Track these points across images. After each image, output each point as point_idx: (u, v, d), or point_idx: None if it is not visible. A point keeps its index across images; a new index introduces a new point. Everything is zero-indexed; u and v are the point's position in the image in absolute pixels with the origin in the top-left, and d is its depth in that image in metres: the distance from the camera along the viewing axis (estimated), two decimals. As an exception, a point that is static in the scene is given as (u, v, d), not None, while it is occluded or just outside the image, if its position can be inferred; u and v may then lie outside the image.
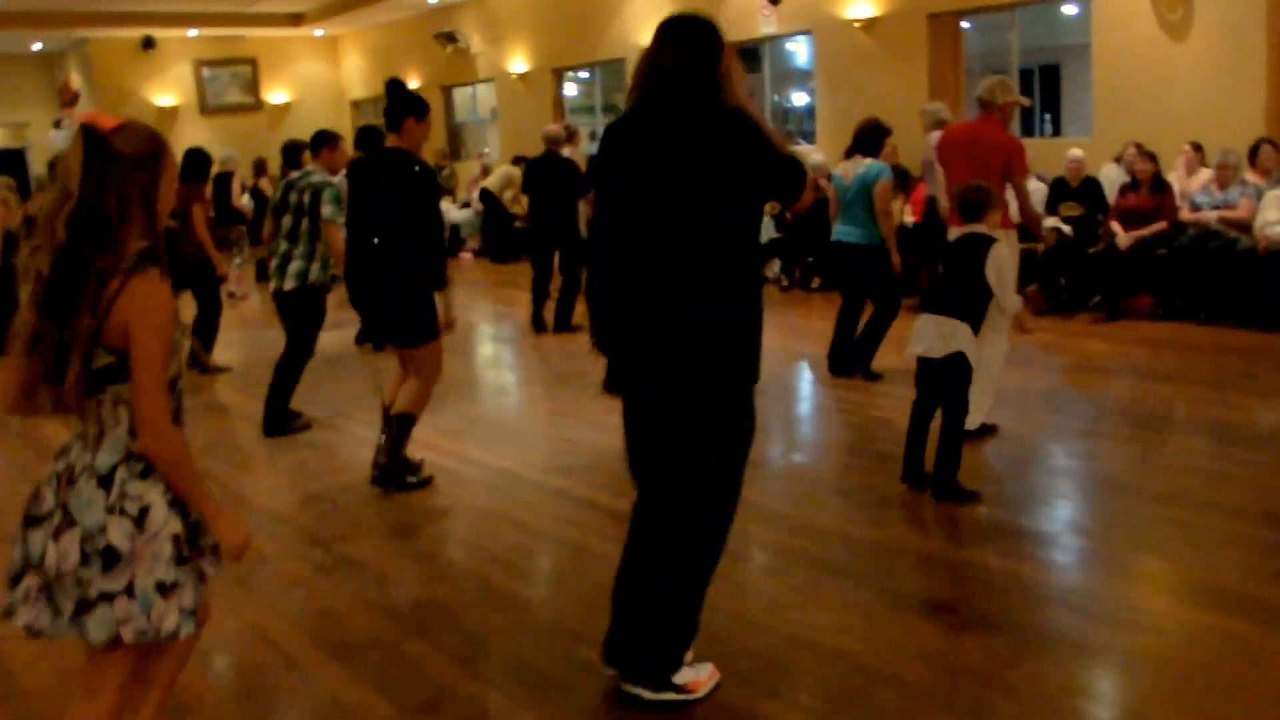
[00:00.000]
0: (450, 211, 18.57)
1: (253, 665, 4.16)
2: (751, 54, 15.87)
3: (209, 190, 11.88)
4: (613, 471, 6.11)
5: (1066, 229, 10.26)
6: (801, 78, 15.61)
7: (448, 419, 7.38)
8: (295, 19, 22.44)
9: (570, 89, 19.46)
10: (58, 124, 23.06)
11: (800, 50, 16.38)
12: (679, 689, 3.64)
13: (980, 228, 5.62)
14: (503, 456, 6.66)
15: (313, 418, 7.64)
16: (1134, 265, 9.73)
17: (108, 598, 2.65)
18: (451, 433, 7.16)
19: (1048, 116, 20.39)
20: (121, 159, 2.66)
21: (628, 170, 3.55)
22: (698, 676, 3.69)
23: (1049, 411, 7.02)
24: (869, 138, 8.29)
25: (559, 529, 5.47)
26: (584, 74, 19.10)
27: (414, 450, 6.27)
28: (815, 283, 12.25)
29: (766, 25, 14.58)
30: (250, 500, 6.16)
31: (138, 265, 2.63)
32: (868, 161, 8.14)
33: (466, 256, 17.90)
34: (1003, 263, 5.52)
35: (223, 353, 10.17)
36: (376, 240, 5.93)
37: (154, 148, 2.74)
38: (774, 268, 13.05)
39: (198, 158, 10.05)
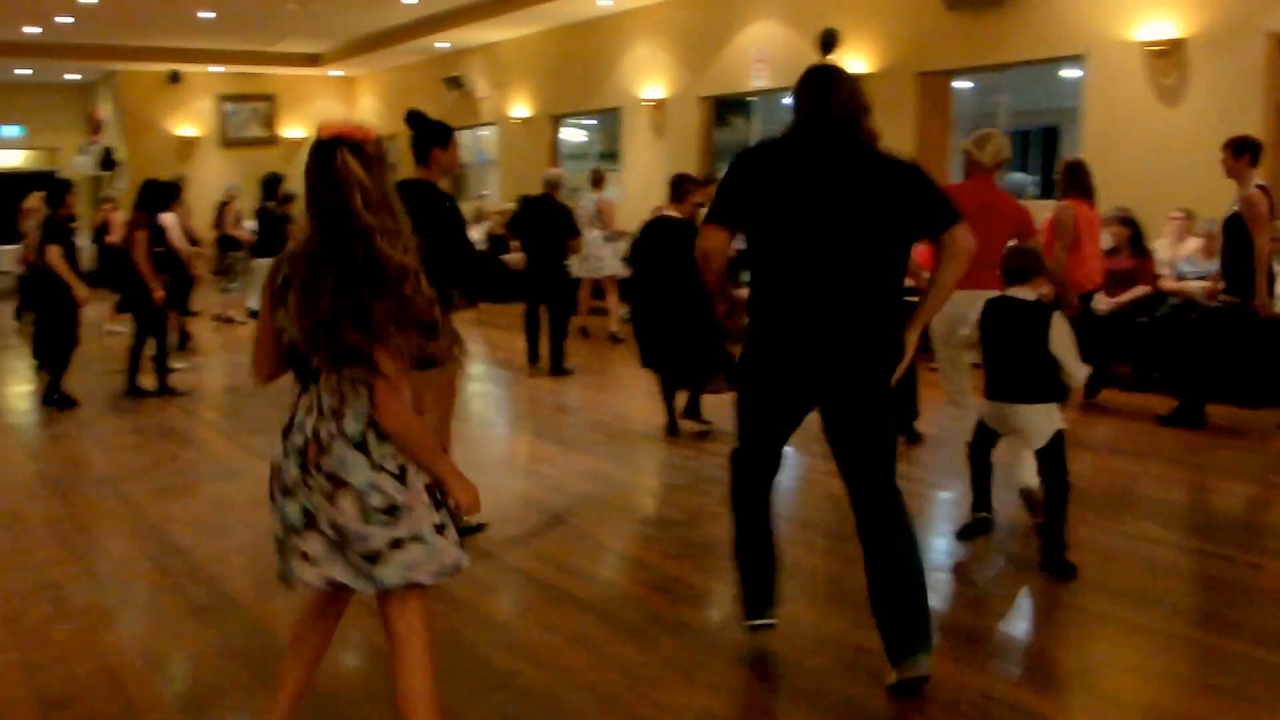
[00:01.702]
0: (446, 251, 18.78)
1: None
2: (742, 107, 16.03)
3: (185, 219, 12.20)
4: (523, 523, 6.28)
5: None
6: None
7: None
8: (313, 59, 22.89)
9: (578, 134, 19.69)
10: (82, 149, 23.68)
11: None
12: None
13: (1025, 293, 5.37)
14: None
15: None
16: (1112, 332, 9.35)
17: (398, 544, 2.99)
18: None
19: (1034, 179, 20.35)
20: (385, 164, 2.97)
21: (806, 201, 3.89)
22: None
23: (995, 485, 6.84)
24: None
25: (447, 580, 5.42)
26: (589, 120, 19.32)
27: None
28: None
29: (758, 79, 14.72)
30: (169, 530, 6.22)
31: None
32: None
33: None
34: (1067, 333, 5.26)
35: (188, 376, 10.42)
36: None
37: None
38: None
39: (152, 188, 10.33)
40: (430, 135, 5.96)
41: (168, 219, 10.34)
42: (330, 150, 2.94)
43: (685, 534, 6.03)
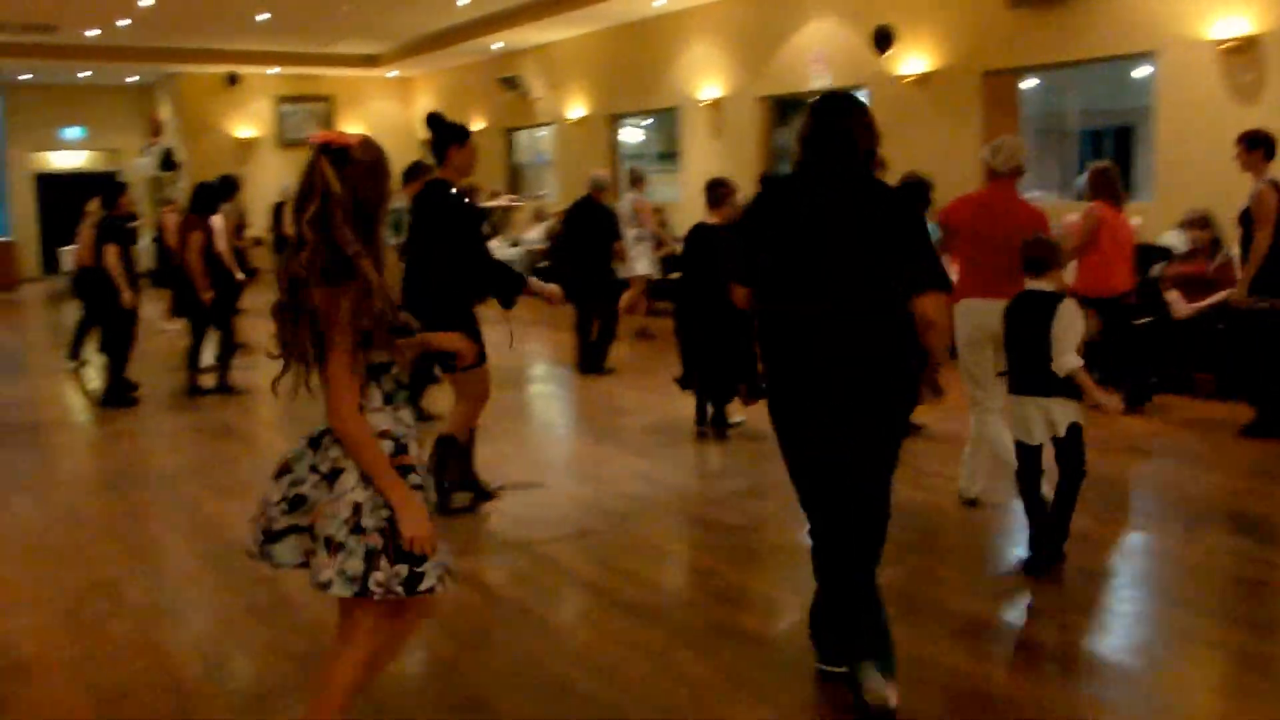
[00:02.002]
0: (500, 250, 18.77)
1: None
2: (801, 107, 15.83)
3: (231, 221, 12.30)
4: (582, 527, 6.21)
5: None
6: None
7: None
8: (370, 60, 22.94)
9: (637, 135, 19.59)
10: (144, 150, 23.90)
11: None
12: None
13: (1045, 285, 5.29)
14: (489, 505, 6.64)
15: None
16: (1190, 339, 9.08)
17: (297, 530, 3.15)
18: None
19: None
20: (368, 173, 3.04)
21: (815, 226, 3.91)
22: None
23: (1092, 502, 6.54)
24: (915, 194, 8.06)
25: (507, 586, 5.41)
26: (647, 121, 19.21)
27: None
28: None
29: (817, 80, 14.55)
30: (227, 529, 6.20)
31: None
32: None
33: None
34: (1076, 318, 5.18)
35: (244, 375, 10.44)
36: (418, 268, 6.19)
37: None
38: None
39: (205, 190, 10.43)
40: (447, 135, 6.14)
41: (215, 221, 10.36)
42: (313, 158, 3.03)
43: (747, 540, 5.91)
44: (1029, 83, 13.73)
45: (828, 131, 3.95)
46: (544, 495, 6.90)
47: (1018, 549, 5.53)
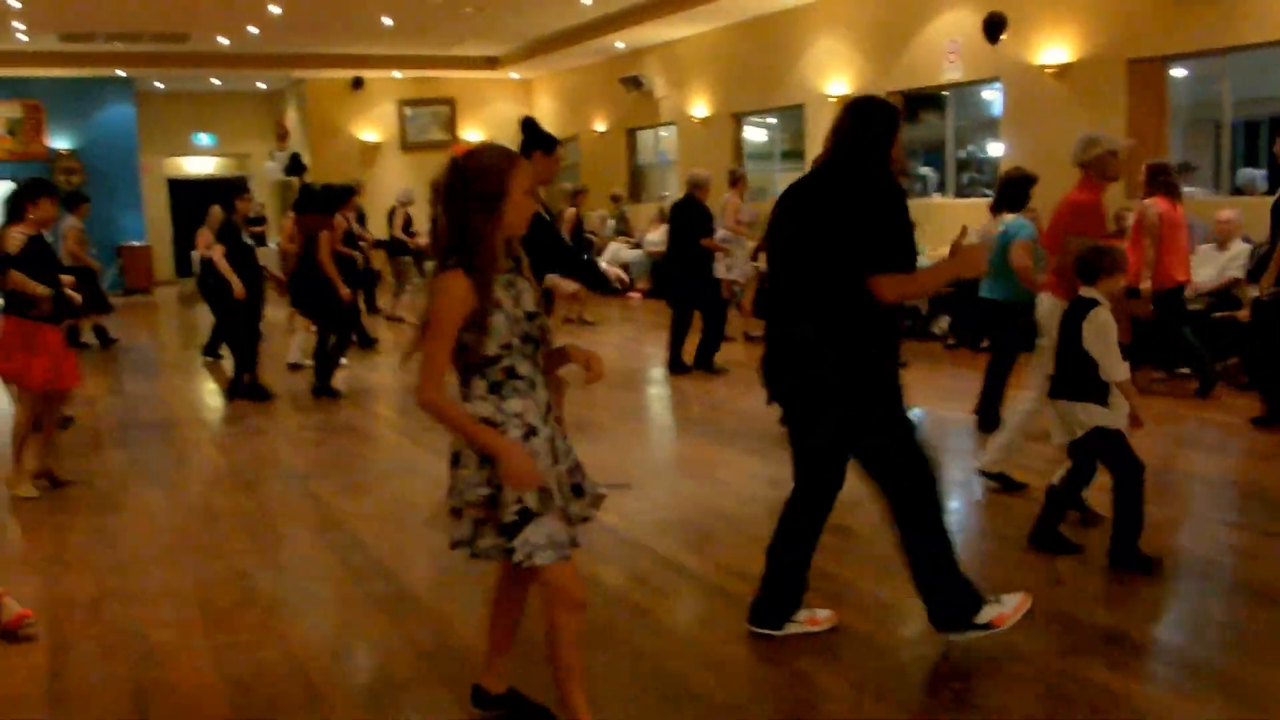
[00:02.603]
0: (621, 251, 18.74)
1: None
2: (934, 101, 15.47)
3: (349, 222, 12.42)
4: (701, 529, 6.06)
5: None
6: (988, 126, 15.10)
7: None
8: (492, 62, 23.07)
9: (760, 133, 19.34)
10: (272, 155, 24.34)
11: (991, 98, 15.88)
12: None
13: (1094, 292, 5.21)
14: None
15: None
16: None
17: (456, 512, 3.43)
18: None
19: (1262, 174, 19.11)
20: (470, 180, 3.28)
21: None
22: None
23: (1206, 503, 6.39)
24: (1013, 190, 7.95)
25: (626, 587, 5.29)
26: (772, 119, 18.94)
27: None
28: (985, 342, 11.75)
29: (952, 71, 14.18)
30: (353, 525, 6.22)
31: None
32: (1010, 217, 7.76)
33: (635, 297, 17.97)
34: (1104, 328, 5.13)
35: (369, 375, 10.45)
36: None
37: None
38: (942, 324, 12.64)
39: (325, 193, 10.52)
40: (535, 141, 6.35)
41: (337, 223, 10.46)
42: (448, 163, 3.36)
43: (869, 546, 5.68)
44: (1178, 71, 13.18)
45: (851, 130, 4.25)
46: (662, 497, 6.79)
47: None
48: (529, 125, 6.54)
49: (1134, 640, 4.47)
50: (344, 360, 11.05)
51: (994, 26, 13.03)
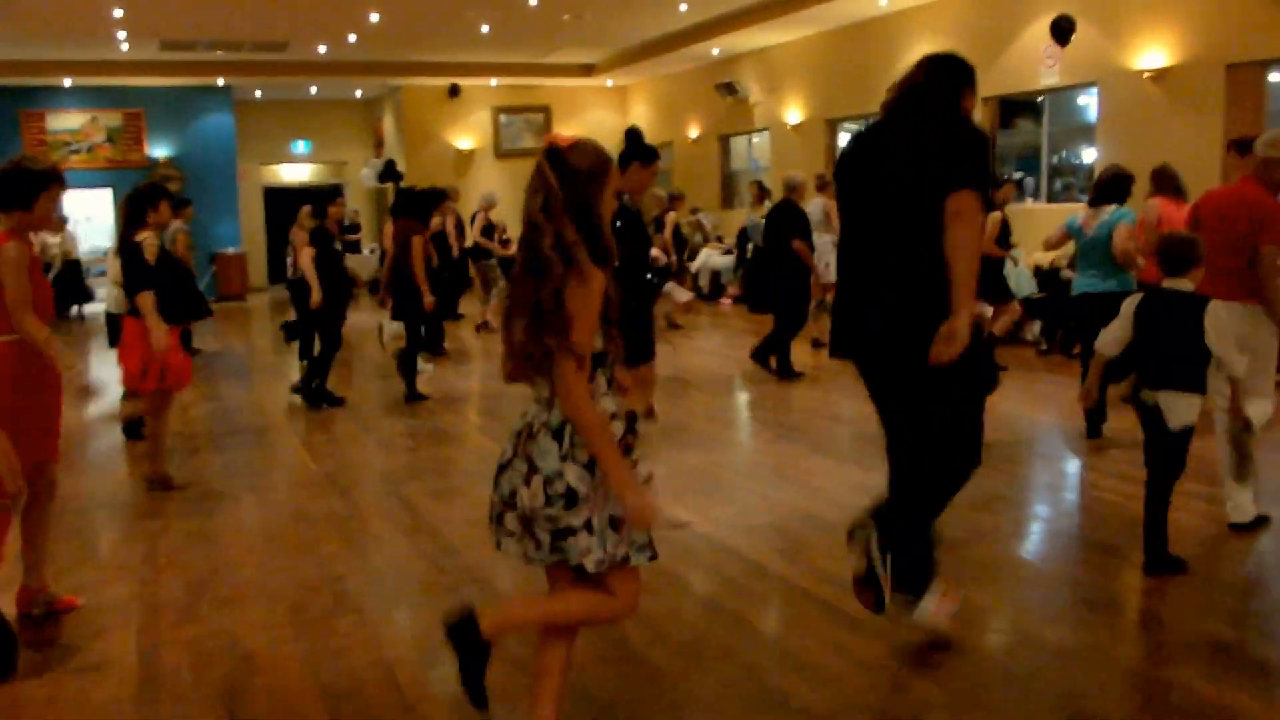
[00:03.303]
0: (713, 257, 18.72)
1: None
2: (1030, 107, 15.21)
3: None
4: (795, 535, 5.97)
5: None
6: (1082, 132, 14.82)
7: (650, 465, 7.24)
8: (587, 69, 23.15)
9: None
10: (368, 163, 24.67)
11: (1086, 103, 15.60)
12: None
13: (1184, 284, 5.16)
14: (690, 509, 6.51)
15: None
16: None
17: (573, 531, 3.18)
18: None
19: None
20: (591, 173, 3.19)
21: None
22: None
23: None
24: (1114, 185, 7.87)
25: (720, 594, 5.23)
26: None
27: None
28: (1076, 348, 11.52)
29: (1048, 76, 13.95)
30: (444, 531, 6.24)
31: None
32: (1111, 209, 7.68)
33: (726, 303, 17.95)
34: (1223, 323, 5.07)
35: (459, 381, 10.50)
36: None
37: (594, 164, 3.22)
38: (1034, 329, 12.41)
39: (420, 197, 10.57)
40: (635, 151, 6.53)
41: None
42: (541, 160, 3.20)
43: (967, 553, 5.57)
44: (1276, 77, 12.82)
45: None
46: (757, 504, 6.70)
47: None
48: (632, 135, 6.74)
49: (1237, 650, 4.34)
50: (427, 365, 11.18)
51: (1062, 29, 12.83)
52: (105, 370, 11.36)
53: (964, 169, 3.92)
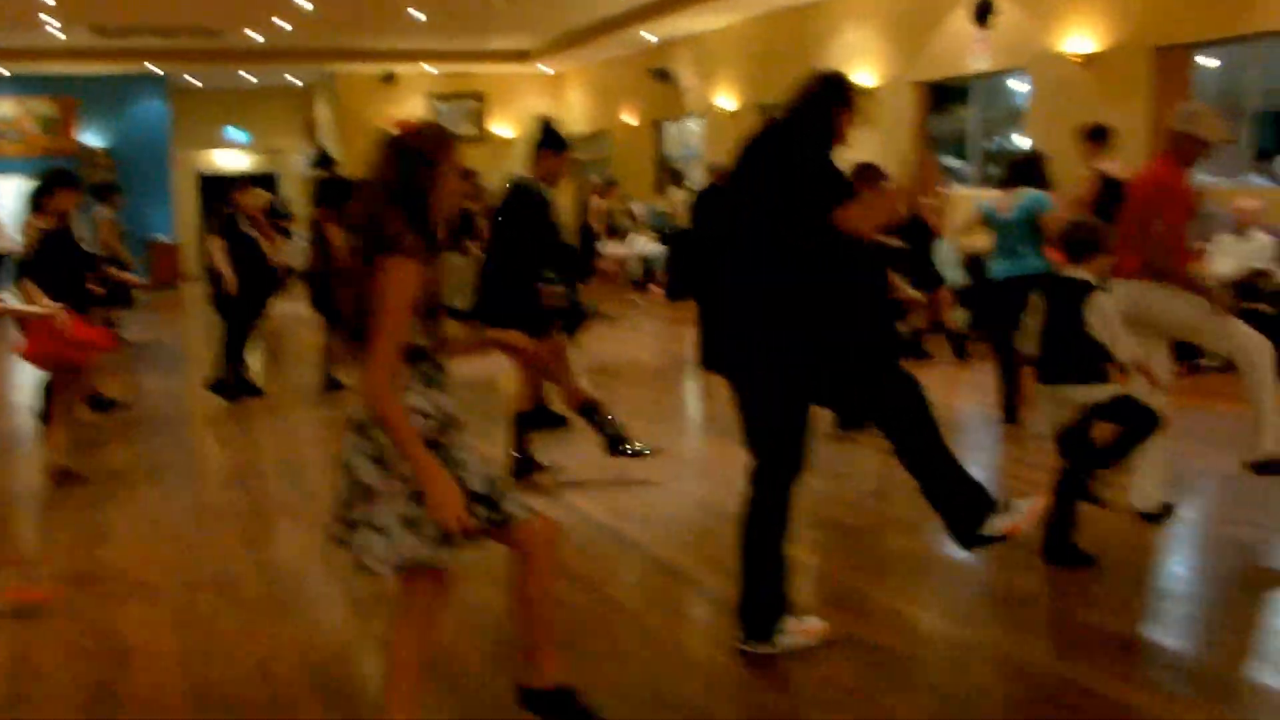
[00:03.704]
0: (644, 245, 18.68)
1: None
2: (960, 93, 15.24)
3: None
4: (697, 527, 5.94)
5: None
6: (1015, 118, 14.86)
7: (559, 455, 7.22)
8: (523, 55, 23.02)
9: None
10: (304, 151, 24.44)
11: (1018, 89, 15.66)
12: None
13: (1082, 272, 5.07)
14: (594, 501, 6.45)
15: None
16: None
17: (358, 526, 3.15)
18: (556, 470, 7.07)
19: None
20: (425, 161, 3.16)
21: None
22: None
23: (1246, 504, 6.08)
24: (1027, 167, 7.92)
25: (611, 587, 5.17)
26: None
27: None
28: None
29: (977, 62, 13.94)
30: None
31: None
32: (1027, 192, 7.66)
33: (656, 290, 17.89)
34: (1108, 312, 4.98)
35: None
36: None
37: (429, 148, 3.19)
38: (960, 317, 12.40)
39: (339, 186, 10.42)
40: (547, 141, 6.61)
41: None
42: (378, 146, 3.23)
43: (871, 544, 5.57)
44: (1210, 61, 12.93)
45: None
46: (664, 496, 6.64)
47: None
48: (545, 126, 6.75)
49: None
50: None
51: (982, 12, 12.91)
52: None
53: (822, 186, 4.04)
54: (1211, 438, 7.16)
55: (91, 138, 22.72)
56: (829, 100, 4.27)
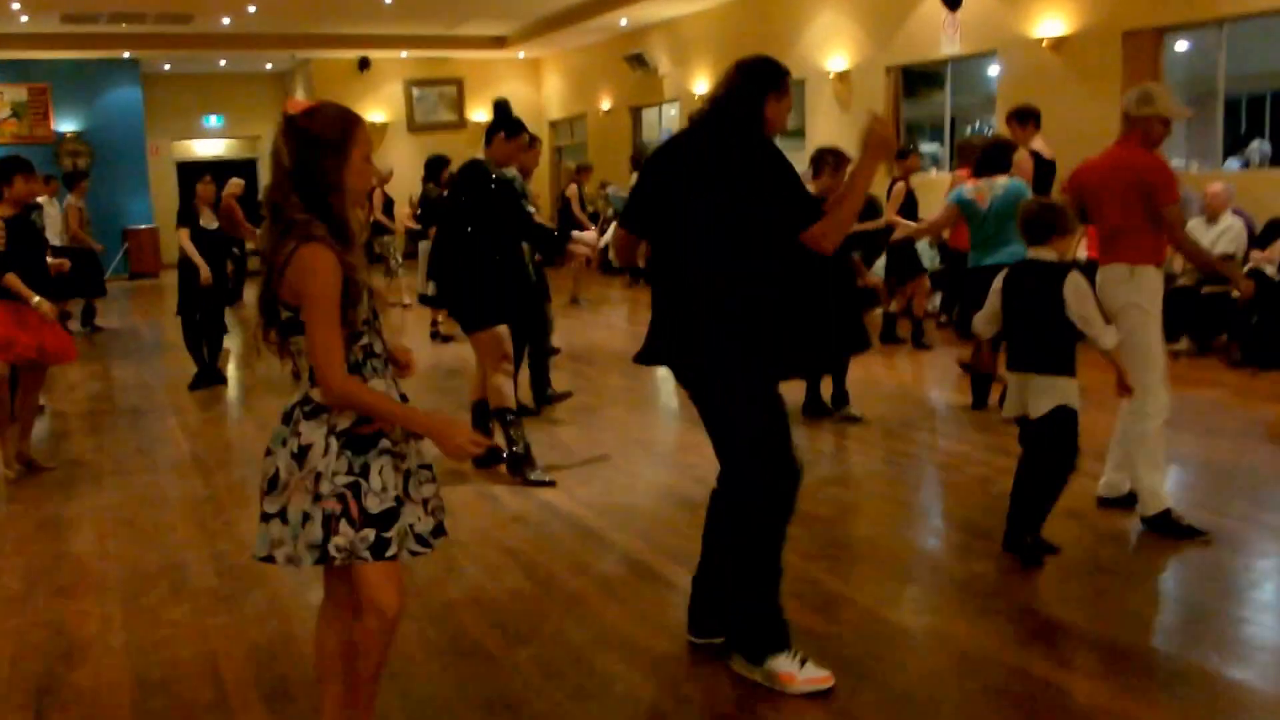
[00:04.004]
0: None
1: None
2: (934, 77, 15.21)
3: None
4: (653, 514, 5.95)
5: (1270, 270, 9.34)
6: (991, 102, 14.82)
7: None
8: (499, 41, 22.88)
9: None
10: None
11: (994, 73, 15.62)
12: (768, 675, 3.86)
13: (1047, 254, 4.95)
14: (556, 490, 6.42)
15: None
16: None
17: (268, 518, 3.04)
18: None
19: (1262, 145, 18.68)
20: (319, 141, 2.96)
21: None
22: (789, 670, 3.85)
23: (1231, 493, 6.01)
24: (998, 155, 7.80)
25: (567, 577, 5.11)
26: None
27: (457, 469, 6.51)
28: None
29: (949, 46, 13.93)
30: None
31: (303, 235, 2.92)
32: (1004, 180, 7.59)
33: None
34: (1084, 293, 4.84)
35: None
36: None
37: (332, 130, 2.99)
38: (934, 302, 12.41)
39: None
40: (498, 123, 6.51)
41: None
42: (277, 130, 3.03)
43: (828, 532, 5.53)
44: (1181, 44, 12.92)
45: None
46: (624, 481, 6.63)
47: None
48: (499, 107, 6.66)
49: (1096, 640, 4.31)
50: None
51: None
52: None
53: (789, 204, 3.80)
54: (1180, 422, 7.15)
55: (65, 124, 22.51)
56: (761, 88, 3.92)
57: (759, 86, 3.91)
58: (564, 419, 8.17)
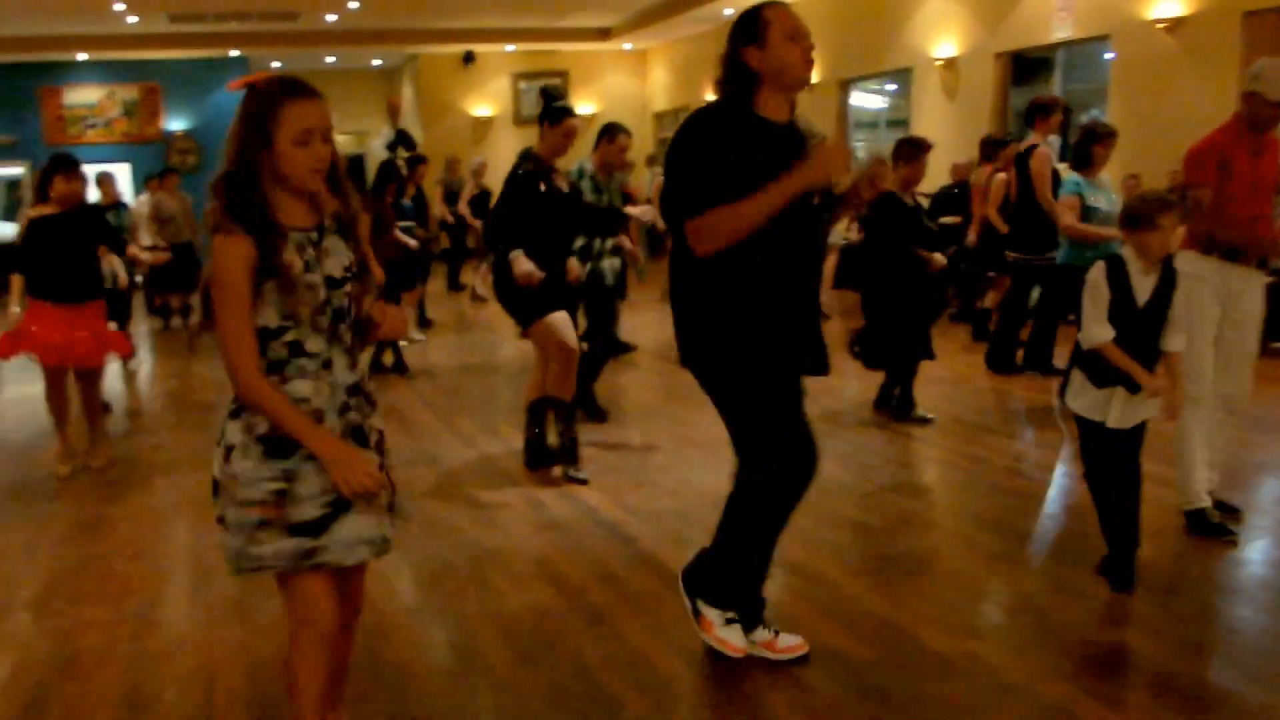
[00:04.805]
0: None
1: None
2: (1043, 64, 14.57)
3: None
4: (698, 522, 5.54)
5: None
6: (1104, 91, 14.17)
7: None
8: (604, 33, 22.64)
9: (875, 100, 18.55)
10: (380, 134, 24.41)
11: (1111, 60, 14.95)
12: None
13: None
14: (600, 491, 6.14)
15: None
16: None
17: (220, 520, 2.91)
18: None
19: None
20: (257, 112, 2.76)
21: None
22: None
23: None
24: (1076, 148, 7.72)
25: (593, 590, 4.82)
26: (890, 85, 18.10)
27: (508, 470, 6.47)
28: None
29: (1061, 30, 13.31)
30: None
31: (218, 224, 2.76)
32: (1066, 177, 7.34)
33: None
34: (1088, 284, 4.42)
35: (437, 355, 10.16)
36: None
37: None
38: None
39: (381, 170, 10.12)
40: (543, 113, 6.29)
41: None
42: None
43: (879, 545, 5.14)
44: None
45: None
46: (673, 486, 6.31)
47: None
48: (543, 94, 6.48)
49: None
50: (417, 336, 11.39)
51: None
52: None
53: (675, 192, 3.71)
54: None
55: (175, 123, 22.86)
56: (747, 81, 3.82)
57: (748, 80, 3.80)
58: (625, 417, 7.91)
